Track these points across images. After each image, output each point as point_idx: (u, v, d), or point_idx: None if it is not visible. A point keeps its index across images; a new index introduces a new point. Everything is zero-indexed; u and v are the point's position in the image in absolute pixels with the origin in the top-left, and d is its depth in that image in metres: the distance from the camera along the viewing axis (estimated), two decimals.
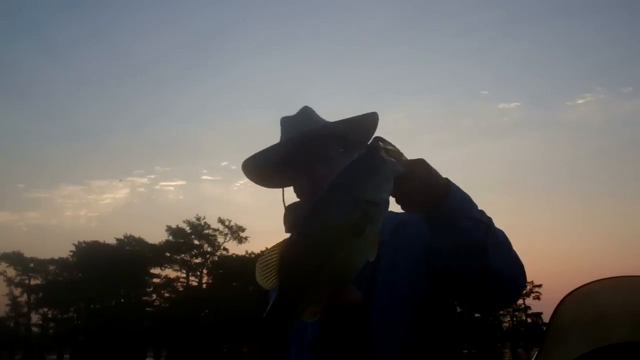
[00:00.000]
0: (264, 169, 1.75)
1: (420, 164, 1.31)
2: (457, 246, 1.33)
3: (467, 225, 1.32)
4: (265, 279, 1.22)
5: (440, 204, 1.31)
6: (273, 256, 1.22)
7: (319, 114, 1.78)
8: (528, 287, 61.11)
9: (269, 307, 1.24)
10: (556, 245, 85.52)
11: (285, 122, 1.77)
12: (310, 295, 1.22)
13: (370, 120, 1.72)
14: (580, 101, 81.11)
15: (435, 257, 1.47)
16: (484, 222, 1.34)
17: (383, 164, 1.22)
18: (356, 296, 1.32)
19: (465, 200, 1.34)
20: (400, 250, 1.58)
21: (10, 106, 78.96)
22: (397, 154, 1.27)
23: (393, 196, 1.27)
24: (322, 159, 1.65)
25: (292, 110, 1.77)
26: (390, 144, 1.27)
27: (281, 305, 1.22)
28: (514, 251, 1.40)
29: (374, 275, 1.55)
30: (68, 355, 56.16)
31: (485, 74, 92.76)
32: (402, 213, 1.39)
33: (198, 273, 57.56)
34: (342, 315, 1.31)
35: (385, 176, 1.22)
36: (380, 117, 1.73)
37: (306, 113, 1.76)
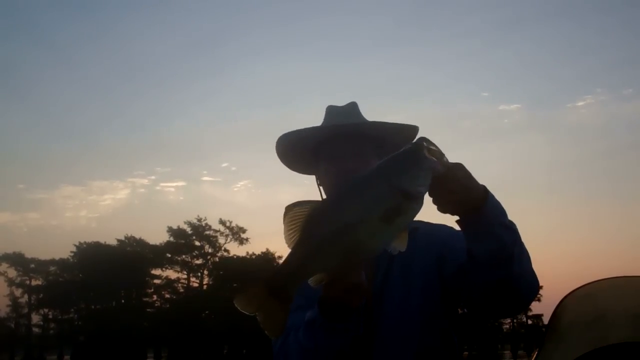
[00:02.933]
0: (299, 148, 1.77)
1: (461, 167, 1.33)
2: (489, 252, 1.35)
3: (501, 231, 1.33)
4: (290, 235, 1.24)
5: (478, 208, 1.32)
6: (301, 214, 1.24)
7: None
8: None
9: (281, 262, 1.27)
10: (557, 247, 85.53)
11: (332, 109, 1.78)
12: (320, 261, 1.23)
13: (409, 131, 1.73)
14: (580, 103, 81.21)
15: (452, 262, 1.52)
16: (515, 230, 1.36)
17: (424, 159, 1.25)
18: (362, 279, 1.32)
19: (500, 208, 1.36)
20: (414, 255, 1.59)
21: (11, 107, 79.09)
22: (440, 154, 1.29)
23: (430, 195, 1.30)
24: (356, 154, 1.67)
25: (292, 111, 1.79)
26: (434, 144, 1.29)
27: (290, 261, 1.24)
28: (532, 270, 1.43)
29: (387, 279, 1.57)
30: (68, 356, 56.13)
31: (485, 76, 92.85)
32: (415, 220, 1.40)
33: (199, 274, 57.56)
34: (343, 292, 1.32)
35: (425, 171, 1.24)
36: (380, 117, 1.76)
37: (353, 107, 1.77)
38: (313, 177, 1.85)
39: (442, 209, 1.35)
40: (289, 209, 1.25)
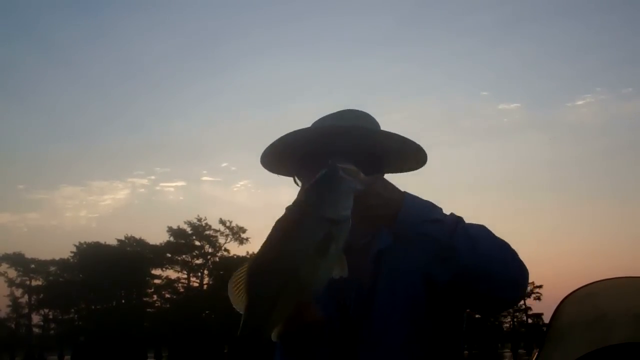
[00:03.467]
0: (283, 152, 1.64)
1: (377, 180, 1.36)
2: (427, 251, 1.35)
3: (429, 228, 1.33)
4: (238, 300, 1.25)
5: (397, 215, 1.34)
6: (242, 276, 1.25)
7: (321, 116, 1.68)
8: (529, 288, 61.15)
9: (240, 326, 1.26)
10: (557, 246, 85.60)
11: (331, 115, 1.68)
12: (274, 317, 1.25)
13: (410, 149, 1.62)
14: (580, 102, 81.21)
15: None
16: (446, 222, 1.33)
17: (342, 181, 1.27)
18: (318, 315, 1.32)
19: (423, 207, 1.36)
20: (400, 259, 1.54)
21: (11, 107, 79.08)
22: (355, 172, 1.32)
23: (353, 213, 1.30)
24: (340, 159, 1.59)
25: (292, 111, 1.72)
26: (349, 165, 1.32)
27: (245, 326, 1.25)
28: (499, 245, 1.36)
29: (375, 286, 1.52)
30: (69, 356, 56.18)
31: (485, 75, 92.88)
32: None
33: (199, 274, 57.60)
34: (302, 333, 1.31)
35: (345, 195, 1.26)
36: (379, 116, 1.68)
37: (352, 110, 1.69)
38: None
39: (369, 223, 1.38)
40: (233, 275, 1.27)
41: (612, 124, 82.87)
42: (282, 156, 1.64)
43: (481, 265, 1.31)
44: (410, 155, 1.66)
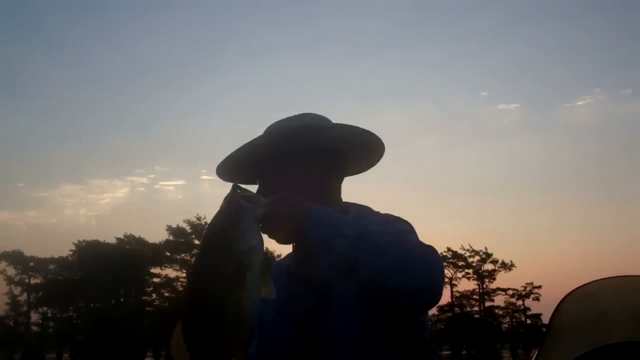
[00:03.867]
0: (237, 163, 1.66)
1: (280, 201, 1.36)
2: (331, 265, 1.37)
3: (333, 243, 1.34)
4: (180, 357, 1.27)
5: (302, 232, 1.35)
6: (179, 332, 1.28)
7: (320, 116, 1.66)
8: (527, 289, 61.23)
9: None
10: (556, 247, 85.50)
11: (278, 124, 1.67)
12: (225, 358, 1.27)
13: (361, 137, 1.64)
14: (579, 103, 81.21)
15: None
16: (350, 235, 1.34)
17: (244, 211, 1.29)
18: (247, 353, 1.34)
19: (326, 222, 1.36)
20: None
21: (11, 105, 79.04)
22: (255, 197, 1.35)
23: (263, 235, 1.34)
24: (284, 166, 1.59)
25: (292, 111, 1.67)
26: (246, 190, 1.35)
27: None
28: (407, 251, 1.35)
29: (330, 297, 1.53)
30: (67, 355, 56.14)
31: (484, 76, 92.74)
32: None
33: None
34: None
35: (249, 223, 1.29)
36: (379, 118, 1.73)
37: (299, 115, 1.65)
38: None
39: (278, 242, 1.41)
40: (173, 338, 1.29)
41: (610, 125, 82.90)
42: (238, 166, 1.65)
43: (386, 275, 1.32)
44: (368, 147, 1.67)
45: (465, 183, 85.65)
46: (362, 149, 1.68)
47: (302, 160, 1.59)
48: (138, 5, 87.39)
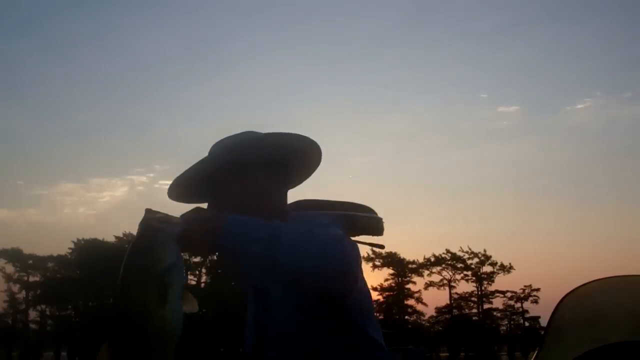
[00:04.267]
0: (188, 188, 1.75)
1: (193, 217, 1.43)
2: (252, 268, 1.45)
3: (250, 248, 1.40)
4: None
5: (219, 244, 1.41)
6: (105, 353, 1.37)
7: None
8: (526, 291, 61.27)
9: None
10: (554, 250, 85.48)
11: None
12: None
13: (294, 144, 1.71)
14: (580, 106, 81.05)
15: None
16: (264, 237, 1.40)
17: (158, 233, 1.36)
18: None
19: (241, 229, 1.42)
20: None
21: (10, 103, 79.02)
22: (166, 217, 1.41)
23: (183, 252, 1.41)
24: (224, 182, 1.68)
25: (291, 111, 1.73)
26: (159, 212, 1.42)
27: None
28: (320, 243, 1.43)
29: (268, 297, 1.62)
30: (65, 353, 56.09)
31: (485, 78, 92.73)
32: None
33: (197, 272, 57.56)
34: None
35: (165, 243, 1.35)
36: (379, 119, 1.77)
37: (235, 135, 1.76)
38: (311, 177, 1.88)
39: (200, 256, 1.42)
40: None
41: (611, 128, 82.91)
42: (188, 187, 1.75)
43: (304, 266, 1.41)
44: (308, 153, 1.75)
45: (464, 185, 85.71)
46: (301, 156, 1.75)
47: (243, 174, 1.68)
48: (138, 4, 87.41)
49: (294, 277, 1.43)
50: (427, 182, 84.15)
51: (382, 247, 2.42)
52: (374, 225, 2.19)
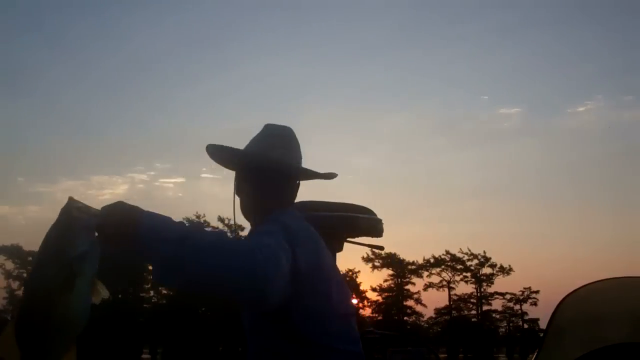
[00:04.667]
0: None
1: (112, 210, 1.47)
2: (158, 266, 1.48)
3: (160, 246, 1.45)
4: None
5: (132, 238, 1.45)
6: (10, 335, 1.38)
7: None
8: (525, 293, 61.26)
9: None
10: (554, 252, 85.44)
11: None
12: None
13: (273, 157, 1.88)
14: (581, 108, 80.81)
15: None
16: (174, 238, 1.45)
17: (75, 221, 1.41)
18: None
19: (154, 227, 1.46)
20: None
21: (12, 100, 79.01)
22: (86, 208, 1.46)
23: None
24: (241, 179, 1.95)
25: (291, 110, 1.79)
26: (80, 202, 1.46)
27: None
28: (230, 250, 1.47)
29: None
30: None
31: (486, 79, 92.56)
32: None
33: None
34: None
35: (79, 231, 1.41)
36: (379, 120, 1.82)
37: (269, 133, 1.96)
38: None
39: (114, 247, 1.51)
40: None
41: (612, 131, 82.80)
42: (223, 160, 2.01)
43: (206, 275, 1.45)
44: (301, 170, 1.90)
45: (465, 186, 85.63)
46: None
47: (250, 177, 1.91)
48: (139, 3, 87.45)
49: (197, 281, 1.47)
50: (427, 183, 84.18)
51: (381, 248, 2.44)
52: (373, 226, 2.21)
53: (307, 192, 1.98)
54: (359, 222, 2.18)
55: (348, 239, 2.18)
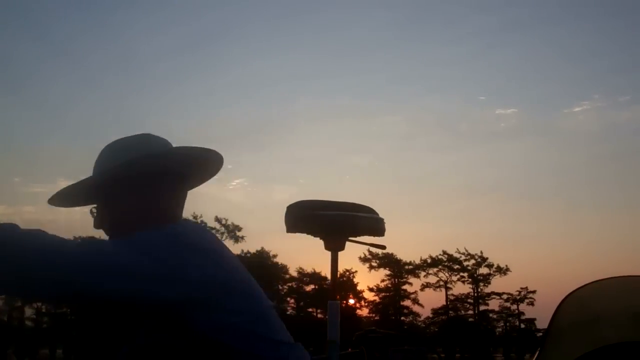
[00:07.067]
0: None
1: None
2: None
3: None
4: None
5: None
6: None
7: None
8: (522, 293, 61.34)
9: None
10: (551, 252, 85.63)
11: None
12: None
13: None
14: (577, 109, 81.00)
15: None
16: None
17: None
18: None
19: None
20: None
21: (8, 100, 78.86)
22: None
23: None
24: (121, 190, 1.78)
25: (290, 109, 1.76)
26: None
27: None
28: (30, 250, 1.44)
29: None
30: (61, 350, 56.00)
31: (482, 80, 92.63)
32: None
33: None
34: None
35: None
36: (376, 120, 1.80)
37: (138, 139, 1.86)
38: (309, 177, 1.91)
39: None
40: None
41: (609, 131, 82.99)
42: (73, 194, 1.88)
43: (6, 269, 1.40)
44: (206, 164, 1.85)
45: (461, 186, 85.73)
46: (199, 167, 1.85)
47: (139, 184, 1.72)
48: (140, 4, 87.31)
49: (9, 277, 1.41)
50: (424, 183, 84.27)
51: (383, 247, 2.42)
52: (374, 225, 2.19)
53: (306, 190, 1.97)
54: (360, 221, 2.17)
55: (350, 238, 2.17)
